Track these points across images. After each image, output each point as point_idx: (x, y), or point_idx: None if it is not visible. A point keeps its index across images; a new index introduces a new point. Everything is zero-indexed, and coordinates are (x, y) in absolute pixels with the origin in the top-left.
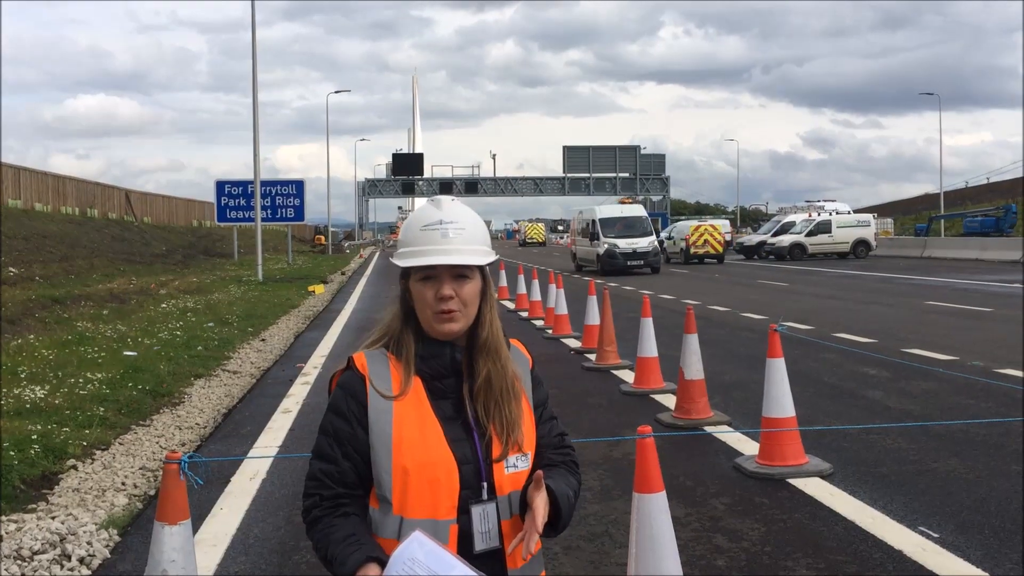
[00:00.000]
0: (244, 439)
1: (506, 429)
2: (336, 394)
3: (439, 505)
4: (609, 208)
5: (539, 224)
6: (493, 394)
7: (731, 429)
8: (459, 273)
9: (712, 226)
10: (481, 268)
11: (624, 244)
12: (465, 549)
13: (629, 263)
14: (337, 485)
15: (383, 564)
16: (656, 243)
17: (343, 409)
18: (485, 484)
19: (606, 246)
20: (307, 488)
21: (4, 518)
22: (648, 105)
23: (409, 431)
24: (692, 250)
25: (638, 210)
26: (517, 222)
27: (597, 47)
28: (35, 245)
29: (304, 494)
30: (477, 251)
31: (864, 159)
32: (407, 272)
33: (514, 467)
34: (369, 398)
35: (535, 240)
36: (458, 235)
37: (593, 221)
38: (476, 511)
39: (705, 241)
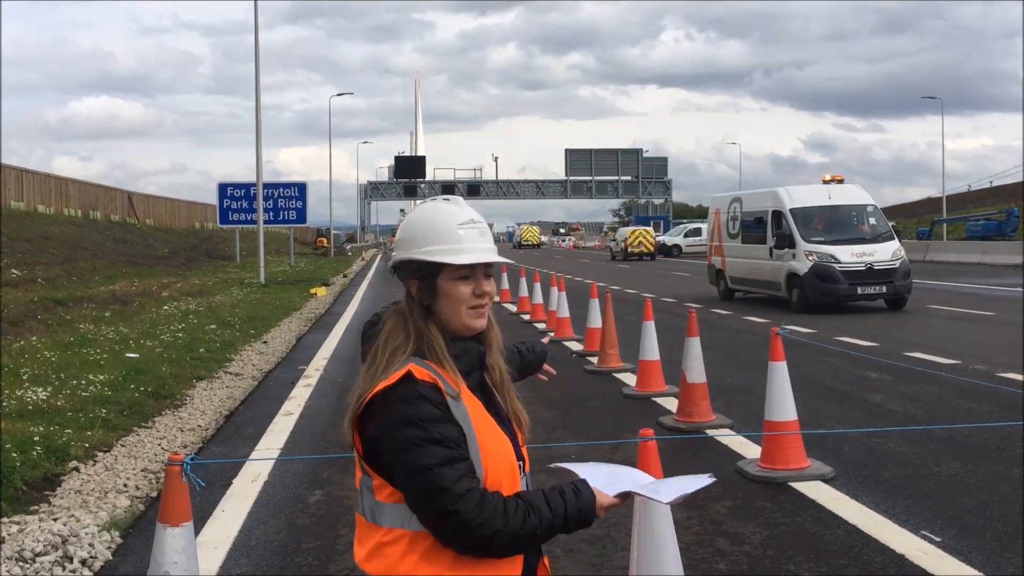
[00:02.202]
0: (246, 441)
1: (519, 416)
2: (418, 407)
3: (515, 487)
4: (807, 191)
5: (534, 227)
6: (505, 386)
7: (733, 432)
8: (488, 271)
9: (645, 231)
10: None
11: (849, 255)
12: None
13: (860, 290)
14: (478, 478)
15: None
16: (903, 252)
17: (441, 415)
18: (521, 463)
19: (814, 258)
20: (457, 490)
21: (6, 520)
22: (650, 108)
23: (482, 425)
24: (630, 250)
25: (857, 194)
26: (519, 225)
27: (598, 51)
28: (37, 247)
29: (456, 498)
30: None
31: (866, 163)
32: (428, 272)
33: (525, 444)
34: (448, 400)
35: (530, 242)
36: (486, 233)
37: (777, 213)
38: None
39: (640, 242)
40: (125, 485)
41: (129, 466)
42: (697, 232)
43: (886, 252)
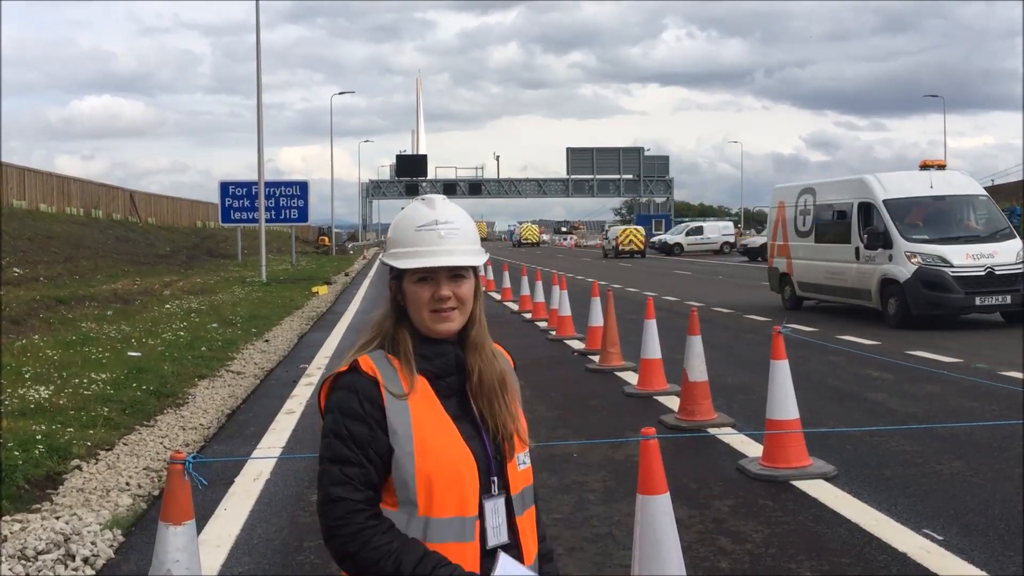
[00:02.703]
0: (248, 440)
1: (505, 423)
2: (344, 397)
3: (466, 503)
4: (903, 179)
5: (533, 226)
6: (485, 390)
7: (735, 431)
8: (456, 273)
9: (635, 230)
10: (474, 267)
11: (963, 257)
12: (480, 545)
13: (978, 300)
14: (366, 488)
15: None
16: None
17: (359, 412)
18: (496, 479)
19: (918, 261)
20: (331, 494)
21: (8, 518)
22: (651, 107)
23: (429, 430)
24: (620, 248)
25: (964, 182)
26: (521, 223)
27: (599, 50)
28: (40, 246)
29: (326, 501)
30: (473, 251)
31: (868, 161)
32: (400, 273)
33: (524, 464)
34: (385, 400)
35: (529, 241)
36: (454, 235)
37: (866, 206)
38: (488, 506)
39: (630, 241)
40: (127, 483)
41: (131, 464)
42: (699, 231)
43: (1009, 253)
